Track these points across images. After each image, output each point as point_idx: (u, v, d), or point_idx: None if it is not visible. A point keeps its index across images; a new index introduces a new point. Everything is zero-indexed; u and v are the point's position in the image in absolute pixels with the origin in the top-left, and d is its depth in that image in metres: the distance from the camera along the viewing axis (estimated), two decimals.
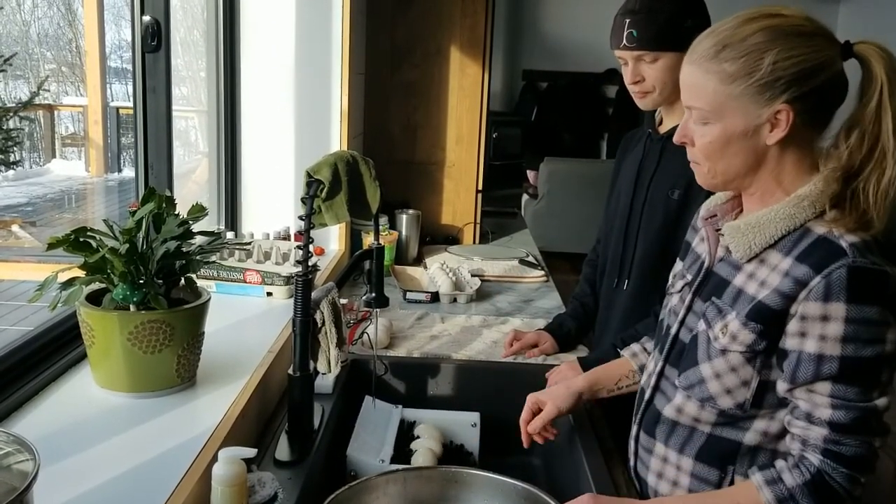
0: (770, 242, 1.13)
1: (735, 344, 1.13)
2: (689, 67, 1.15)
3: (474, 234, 3.24)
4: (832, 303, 1.03)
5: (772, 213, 1.13)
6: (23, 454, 0.84)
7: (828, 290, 1.04)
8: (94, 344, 1.30)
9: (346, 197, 1.51)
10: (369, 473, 1.42)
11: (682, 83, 1.17)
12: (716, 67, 1.10)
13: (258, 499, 1.22)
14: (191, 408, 1.32)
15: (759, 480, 1.10)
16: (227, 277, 1.96)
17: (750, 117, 1.10)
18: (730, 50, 1.09)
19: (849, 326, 1.03)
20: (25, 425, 1.21)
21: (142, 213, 1.31)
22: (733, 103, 1.10)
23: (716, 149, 1.13)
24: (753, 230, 1.14)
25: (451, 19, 3.06)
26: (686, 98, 1.16)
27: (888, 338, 1.04)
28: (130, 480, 1.08)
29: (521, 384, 1.85)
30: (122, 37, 10.06)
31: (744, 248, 1.15)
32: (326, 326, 1.47)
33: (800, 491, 1.07)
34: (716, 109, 1.11)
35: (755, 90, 1.08)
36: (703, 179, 1.20)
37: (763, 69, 1.07)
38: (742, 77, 1.09)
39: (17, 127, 9.28)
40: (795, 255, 1.09)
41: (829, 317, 1.04)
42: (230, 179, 2.47)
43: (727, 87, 1.10)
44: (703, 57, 1.12)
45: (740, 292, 1.15)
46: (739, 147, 1.12)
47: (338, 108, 2.53)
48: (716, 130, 1.12)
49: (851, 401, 1.05)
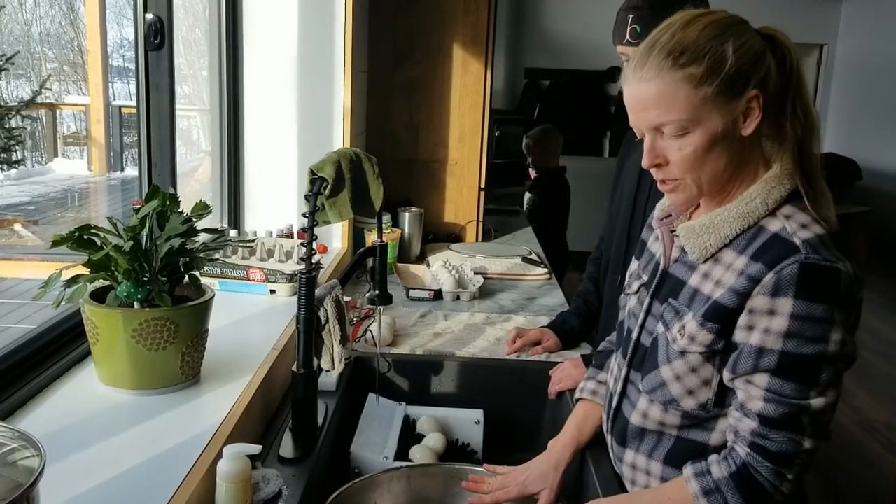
0: (725, 242, 1.12)
1: (694, 345, 1.12)
2: (647, 83, 1.08)
3: (477, 231, 3.24)
4: (780, 298, 1.03)
5: (725, 212, 1.12)
6: (28, 450, 0.85)
7: (777, 286, 1.03)
8: (98, 341, 1.30)
9: (350, 194, 1.51)
10: (373, 470, 1.42)
11: (640, 103, 1.10)
12: (681, 74, 1.06)
13: (262, 495, 1.22)
14: (195, 405, 1.32)
15: (688, 473, 1.10)
16: (230, 275, 1.97)
17: (727, 113, 1.08)
18: (688, 54, 1.06)
19: (793, 322, 1.02)
20: (30, 422, 1.21)
21: (146, 210, 1.31)
22: (709, 105, 1.07)
23: (700, 156, 1.09)
24: (708, 230, 1.13)
25: (454, 17, 3.06)
26: (653, 117, 1.09)
27: (832, 338, 1.02)
28: (135, 477, 1.09)
29: (525, 382, 1.86)
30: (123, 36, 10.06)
31: (699, 249, 1.14)
32: (330, 324, 1.47)
33: (725, 483, 1.06)
34: (693, 116, 1.07)
35: (727, 84, 1.06)
36: (686, 195, 1.14)
37: (728, 62, 1.06)
38: (711, 75, 1.06)
39: (20, 126, 9.29)
40: (750, 254, 1.08)
41: (775, 311, 1.03)
42: (233, 177, 2.47)
43: (699, 89, 1.06)
44: (659, 68, 1.07)
45: (696, 292, 1.14)
46: (721, 147, 1.09)
47: (340, 105, 2.53)
48: (697, 138, 1.08)
49: (785, 396, 1.04)
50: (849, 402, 4.18)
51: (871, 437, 3.84)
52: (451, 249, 3.02)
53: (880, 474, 3.53)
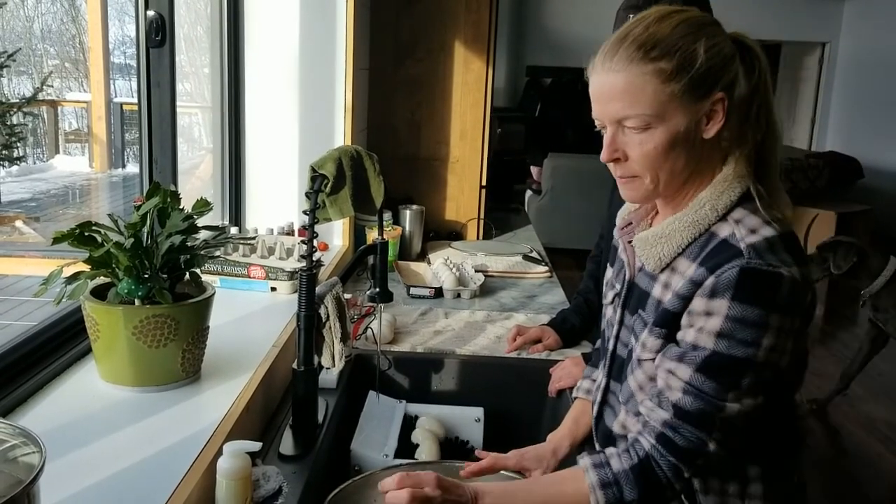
0: (678, 251, 1.11)
1: (646, 352, 1.12)
2: (615, 74, 1.06)
3: (478, 229, 3.24)
4: (716, 299, 1.02)
5: (676, 221, 1.11)
6: (29, 447, 0.85)
7: (715, 288, 1.02)
8: (98, 338, 1.30)
9: (351, 192, 1.51)
10: (373, 468, 1.42)
11: (606, 94, 1.08)
12: (651, 67, 1.04)
13: (263, 493, 1.22)
14: (195, 402, 1.33)
15: (586, 463, 1.08)
16: (231, 272, 1.97)
17: (692, 113, 1.06)
18: (659, 48, 1.05)
19: (726, 323, 1.01)
20: (31, 419, 1.21)
21: (147, 207, 1.31)
22: (675, 101, 1.05)
23: (660, 154, 1.07)
24: (661, 241, 1.12)
25: (455, 15, 3.05)
26: (617, 109, 1.07)
27: (763, 343, 1.01)
28: (135, 474, 1.09)
29: (525, 379, 1.86)
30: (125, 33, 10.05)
31: (654, 260, 1.13)
32: (330, 321, 1.47)
33: (624, 476, 1.05)
34: (658, 112, 1.05)
35: (695, 83, 1.05)
36: (641, 192, 1.12)
37: (699, 61, 1.04)
38: (681, 72, 1.04)
39: (21, 123, 9.29)
40: (699, 260, 1.07)
41: (711, 312, 1.02)
42: (234, 175, 2.47)
43: (667, 85, 1.04)
44: (629, 60, 1.05)
45: (659, 303, 1.13)
46: (682, 147, 1.07)
47: (342, 103, 2.53)
48: (659, 135, 1.06)
49: (704, 393, 1.03)
50: (849, 401, 4.19)
51: (871, 436, 3.84)
52: (452, 247, 3.02)
53: (881, 473, 3.53)
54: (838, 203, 7.06)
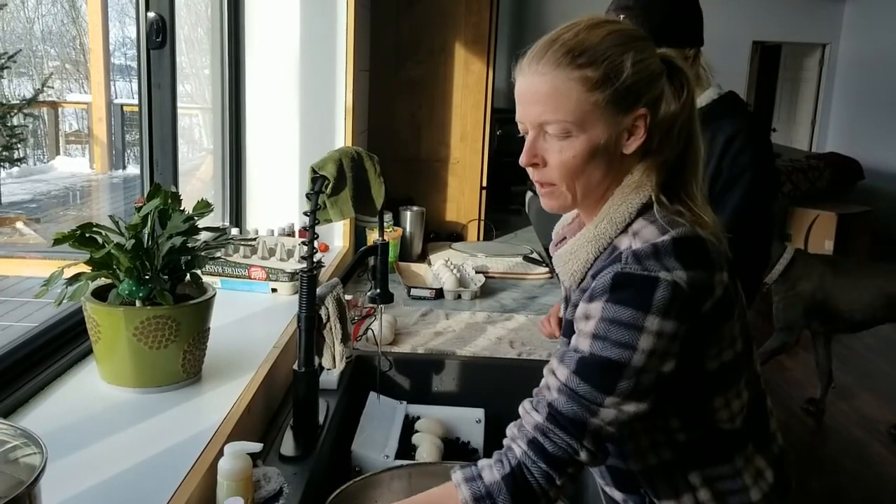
0: (587, 267, 1.10)
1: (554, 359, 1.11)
2: (540, 77, 1.04)
3: (478, 230, 3.24)
4: (593, 302, 1.02)
5: (581, 238, 1.10)
6: (30, 448, 0.85)
7: (592, 293, 1.02)
8: (99, 339, 1.30)
9: (351, 193, 1.51)
10: (374, 469, 1.42)
11: (530, 96, 1.06)
12: (577, 74, 1.02)
13: (263, 493, 1.22)
14: (196, 403, 1.33)
15: (457, 478, 1.05)
16: (232, 273, 1.97)
17: (613, 126, 1.04)
18: (587, 55, 1.03)
19: (601, 324, 1.00)
20: (32, 420, 1.22)
21: (147, 208, 1.31)
22: (598, 111, 1.03)
23: (578, 164, 1.05)
24: (573, 258, 1.11)
25: (456, 16, 3.06)
26: (539, 112, 1.05)
27: (639, 346, 0.98)
28: (136, 475, 1.09)
29: (526, 380, 1.85)
30: (125, 34, 10.06)
31: (567, 276, 1.12)
32: (331, 322, 1.47)
33: (497, 487, 1.01)
34: (579, 120, 1.03)
35: (619, 96, 1.03)
36: (559, 201, 1.10)
37: (625, 73, 1.02)
38: (606, 83, 1.02)
39: (22, 124, 9.29)
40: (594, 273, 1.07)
41: (589, 315, 1.02)
42: (235, 176, 2.47)
43: (591, 94, 1.02)
44: (556, 64, 1.03)
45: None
46: (601, 159, 1.05)
47: (342, 104, 2.53)
48: (579, 144, 1.04)
49: (577, 394, 1.00)
50: (850, 401, 4.18)
51: (871, 437, 3.84)
52: (453, 248, 3.02)
53: (881, 474, 3.53)
54: (839, 204, 7.06)
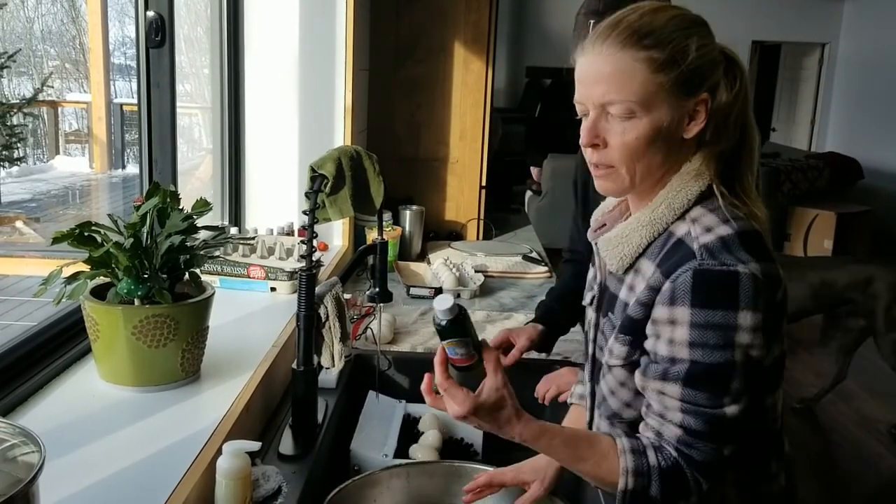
0: (638, 252, 1.09)
1: (613, 358, 1.11)
2: (605, 58, 1.03)
3: (478, 230, 3.24)
4: (677, 307, 1.00)
5: (634, 221, 1.09)
6: (28, 446, 0.85)
7: (673, 295, 1.00)
8: (98, 338, 1.30)
9: (350, 192, 1.51)
10: (373, 468, 1.42)
11: (593, 77, 1.05)
12: (642, 55, 1.01)
13: (262, 492, 1.22)
14: (195, 402, 1.33)
15: (624, 445, 1.05)
16: (231, 272, 1.97)
17: (676, 109, 1.03)
18: (653, 37, 1.02)
19: (693, 331, 0.98)
20: (31, 419, 1.22)
21: (146, 207, 1.31)
22: (662, 93, 1.02)
23: (640, 146, 1.04)
24: (622, 241, 1.10)
25: (455, 15, 3.06)
26: (603, 92, 1.04)
27: (737, 342, 0.98)
28: (135, 474, 1.09)
29: (525, 379, 1.85)
30: (125, 33, 10.06)
31: (616, 260, 1.11)
32: (330, 321, 1.47)
33: (657, 473, 1.02)
34: (644, 101, 1.02)
35: (684, 78, 1.02)
36: (616, 184, 1.09)
37: (690, 56, 1.02)
38: (671, 64, 1.01)
39: (21, 123, 9.29)
40: (657, 262, 1.06)
41: (675, 321, 1.00)
42: (234, 175, 2.47)
43: (657, 75, 1.02)
44: (622, 45, 1.02)
45: (626, 305, 1.11)
46: (662, 143, 1.05)
47: (341, 104, 2.53)
48: (642, 125, 1.03)
49: (701, 406, 1.00)
50: (848, 401, 4.18)
51: (871, 436, 3.84)
52: (452, 247, 3.02)
53: (880, 473, 3.53)
54: (838, 204, 7.05)
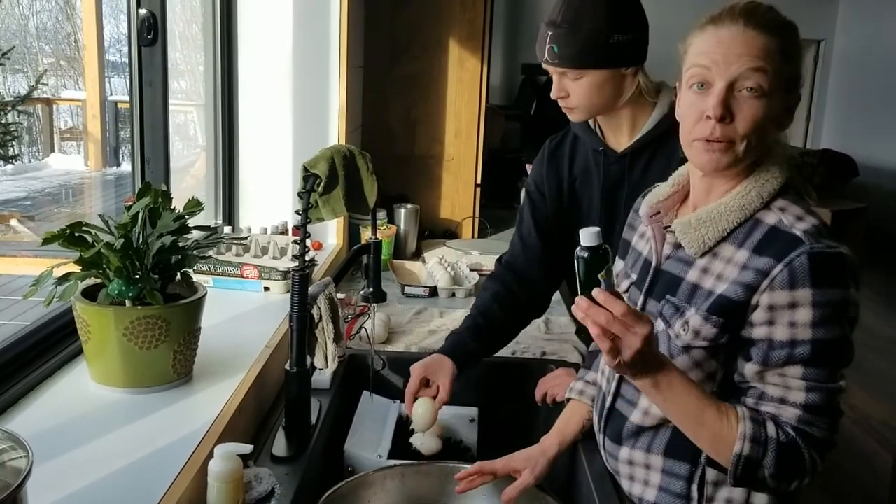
0: (723, 235, 1.14)
1: (698, 339, 1.13)
2: (753, 32, 1.08)
3: (473, 228, 3.23)
4: (798, 290, 1.05)
5: (721, 206, 1.14)
6: (16, 451, 0.84)
7: (792, 278, 1.05)
8: (89, 339, 1.29)
9: (344, 191, 1.50)
10: (367, 469, 1.42)
11: (739, 48, 1.08)
12: (780, 45, 1.09)
13: (255, 495, 1.21)
14: (187, 403, 1.32)
15: (745, 413, 1.09)
16: (223, 272, 1.96)
17: (783, 100, 1.12)
18: (787, 31, 1.11)
19: (817, 311, 1.05)
20: (21, 422, 1.21)
21: (137, 207, 1.30)
22: (782, 83, 1.10)
23: (765, 124, 1.10)
24: (706, 224, 1.15)
25: (451, 12, 3.05)
26: (745, 65, 1.07)
27: (850, 316, 1.07)
28: (126, 477, 1.08)
29: (520, 379, 1.85)
30: (120, 31, 10.01)
31: (697, 243, 1.15)
32: (323, 321, 1.46)
33: (774, 445, 1.07)
34: (773, 85, 1.09)
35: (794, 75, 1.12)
36: (728, 158, 1.12)
37: (802, 58, 1.14)
38: (792, 60, 1.11)
39: (16, 121, 9.27)
40: (751, 248, 1.10)
41: (797, 303, 1.05)
42: (227, 174, 2.46)
43: (784, 66, 1.10)
44: (767, 28, 1.09)
45: (696, 288, 1.15)
46: (772, 129, 1.13)
47: (336, 101, 2.52)
48: (768, 107, 1.09)
49: (823, 382, 1.07)
50: (845, 398, 4.18)
51: (866, 433, 3.84)
52: (447, 246, 3.01)
53: (876, 471, 3.54)
54: (833, 201, 7.05)
